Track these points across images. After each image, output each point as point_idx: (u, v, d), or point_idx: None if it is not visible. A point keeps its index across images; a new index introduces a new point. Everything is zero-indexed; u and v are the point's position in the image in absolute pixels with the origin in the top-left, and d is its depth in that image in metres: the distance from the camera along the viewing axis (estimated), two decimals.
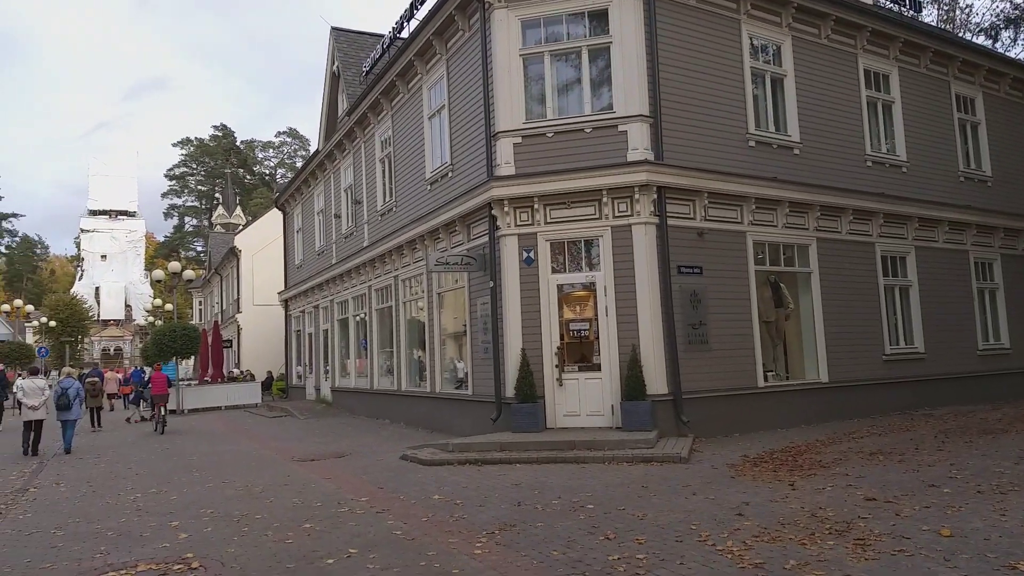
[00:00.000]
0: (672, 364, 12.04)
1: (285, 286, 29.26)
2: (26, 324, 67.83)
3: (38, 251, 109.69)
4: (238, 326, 38.44)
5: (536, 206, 12.47)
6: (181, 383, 27.61)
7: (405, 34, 17.41)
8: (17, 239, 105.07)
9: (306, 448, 13.86)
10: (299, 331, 27.88)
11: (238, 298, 39.04)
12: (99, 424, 21.12)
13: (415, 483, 9.55)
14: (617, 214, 12.27)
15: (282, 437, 16.22)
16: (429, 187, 15.76)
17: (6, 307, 44.38)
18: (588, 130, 12.45)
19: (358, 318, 20.90)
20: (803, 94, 14.57)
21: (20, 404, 16.45)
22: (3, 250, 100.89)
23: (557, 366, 12.20)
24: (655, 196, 12.25)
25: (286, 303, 29.29)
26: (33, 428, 15.07)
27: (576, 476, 9.40)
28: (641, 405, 11.54)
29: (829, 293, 14.46)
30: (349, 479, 10.17)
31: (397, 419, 17.38)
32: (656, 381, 11.85)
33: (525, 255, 12.53)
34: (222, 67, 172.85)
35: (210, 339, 32.15)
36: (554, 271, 12.59)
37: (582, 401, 12.16)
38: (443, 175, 15.08)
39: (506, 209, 12.56)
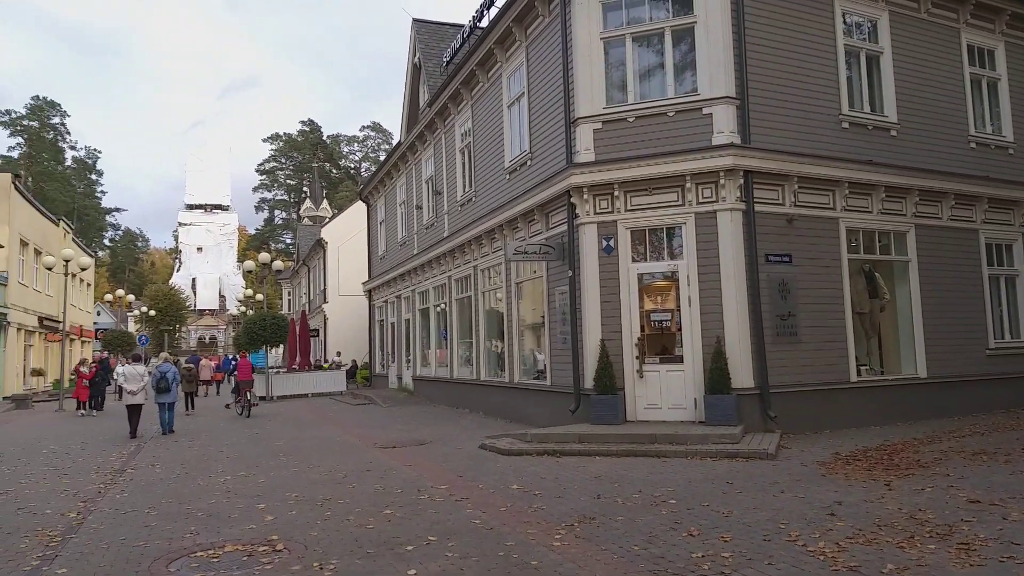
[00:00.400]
0: (759, 357, 11.61)
1: (369, 276, 29.85)
2: (128, 313, 71.76)
3: (139, 244, 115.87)
4: (324, 316, 39.52)
5: (616, 193, 12.22)
6: (271, 371, 28.58)
7: (485, 23, 17.37)
8: (120, 232, 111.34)
9: (388, 435, 14.07)
10: (382, 320, 28.41)
11: (324, 288, 40.13)
12: (193, 408, 22.12)
13: (493, 472, 9.53)
14: (701, 200, 11.89)
15: (365, 424, 16.53)
16: (508, 176, 15.70)
17: (109, 297, 47.05)
18: (671, 114, 12.10)
19: (438, 308, 21.10)
20: (901, 72, 13.77)
21: (121, 389, 17.38)
22: (107, 243, 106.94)
23: (637, 357, 11.94)
24: (741, 181, 11.81)
25: (369, 293, 29.88)
26: (135, 412, 15.92)
27: (657, 470, 9.17)
28: (726, 399, 11.17)
29: (928, 283, 13.65)
30: (429, 466, 10.24)
31: (476, 408, 17.46)
32: (741, 374, 11.44)
33: (605, 244, 12.30)
34: (309, 64, 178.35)
35: (298, 328, 33.14)
36: (634, 260, 12.32)
37: (663, 394, 11.87)
38: (522, 163, 14.99)
39: (585, 197, 12.36)
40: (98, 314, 58.72)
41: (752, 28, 12.21)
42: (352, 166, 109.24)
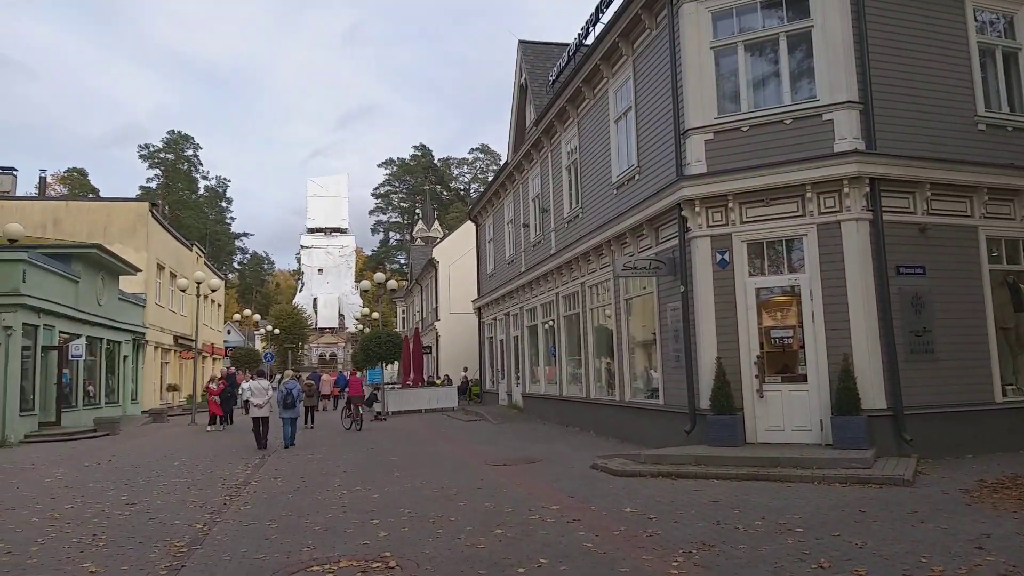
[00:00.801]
0: (891, 376, 10.83)
1: (478, 294, 30.21)
2: (255, 332, 75.84)
3: (265, 266, 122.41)
4: (436, 333, 40.31)
5: (730, 205, 11.78)
6: (386, 386, 29.34)
7: (591, 40, 17.30)
8: (248, 256, 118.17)
9: (498, 452, 14.06)
10: (491, 338, 28.64)
11: (436, 306, 40.97)
12: (313, 422, 22.96)
13: (606, 494, 9.28)
14: (823, 210, 11.27)
15: (476, 440, 16.61)
16: (615, 191, 15.48)
17: (238, 316, 49.86)
18: (788, 121, 11.57)
19: (547, 325, 21.03)
20: None
21: (247, 404, 18.33)
22: (236, 266, 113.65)
23: (757, 376, 11.39)
24: (867, 189, 11.12)
25: (479, 311, 30.23)
26: (260, 424, 16.89)
27: (781, 496, 8.66)
28: (855, 420, 10.46)
29: None
30: (540, 486, 10.11)
31: (586, 427, 17.20)
32: (872, 394, 10.70)
33: (719, 258, 11.87)
34: (421, 91, 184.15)
35: (411, 345, 33.91)
36: (751, 274, 11.80)
37: (786, 415, 11.26)
38: (630, 178, 14.75)
39: (697, 209, 11.98)
40: (228, 333, 62.40)
41: (874, 29, 11.53)
42: (462, 187, 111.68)
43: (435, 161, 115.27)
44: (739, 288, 11.69)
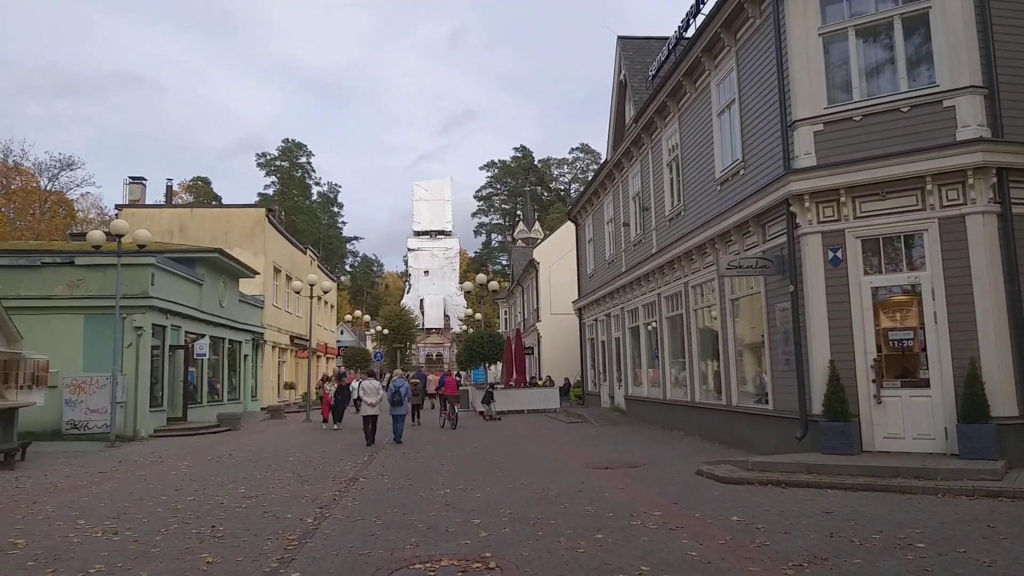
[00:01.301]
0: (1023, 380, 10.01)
1: (578, 295, 30.08)
2: (366, 332, 78.49)
3: (375, 269, 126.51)
4: (538, 334, 40.45)
5: (843, 199, 11.20)
6: (493, 387, 29.63)
7: (691, 32, 16.89)
8: (359, 259, 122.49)
9: (600, 455, 13.93)
10: (592, 339, 28.45)
11: (537, 307, 41.11)
12: (419, 420, 23.51)
13: (711, 501, 9.02)
14: (945, 203, 10.55)
15: (577, 442, 16.53)
16: (719, 187, 15.04)
17: (348, 317, 51.76)
18: (905, 109, 10.89)
19: (649, 326, 20.68)
20: None
21: (357, 402, 19.04)
22: (348, 269, 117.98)
23: (874, 381, 10.78)
24: (994, 180, 10.33)
25: (579, 312, 30.09)
26: (371, 422, 17.56)
27: (901, 508, 8.16)
28: (983, 428, 9.73)
29: None
30: (642, 490, 9.94)
31: (691, 431, 16.79)
32: (1003, 401, 9.92)
33: (831, 255, 11.31)
34: (522, 93, 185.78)
35: (513, 346, 34.15)
36: (867, 272, 11.18)
37: (906, 421, 10.60)
38: (734, 173, 14.28)
39: (807, 204, 11.46)
40: (341, 333, 64.87)
41: (998, 8, 10.72)
42: (562, 188, 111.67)
43: (535, 162, 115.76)
44: (853, 287, 11.10)
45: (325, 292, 35.35)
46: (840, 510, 8.15)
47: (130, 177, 39.22)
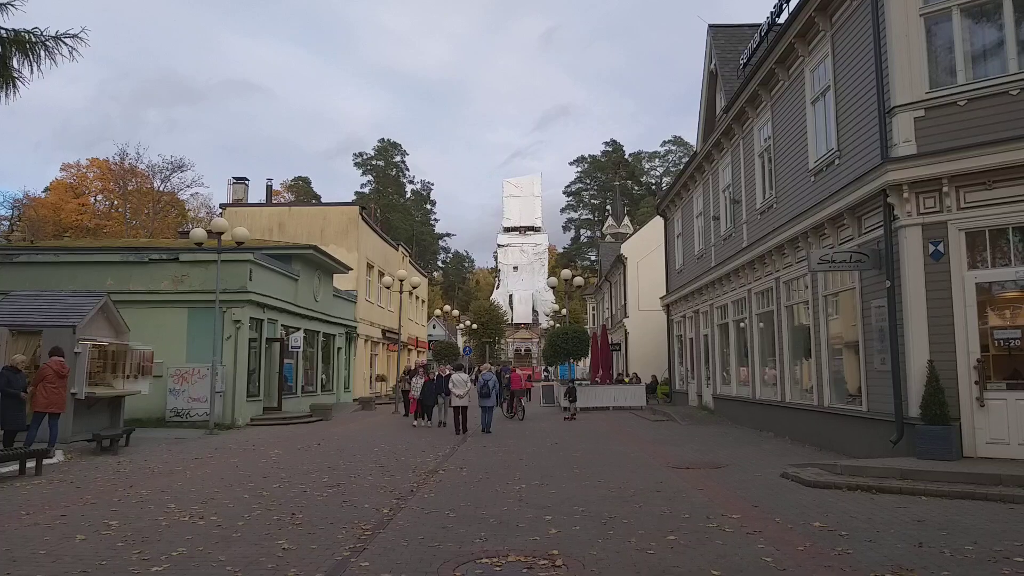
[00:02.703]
0: None
1: (666, 291, 29.49)
2: (457, 327, 79.70)
3: (466, 265, 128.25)
4: (625, 330, 39.93)
5: (945, 189, 10.48)
6: (573, 383, 29.48)
7: (783, 18, 16.21)
8: (450, 255, 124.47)
9: (682, 455, 13.60)
10: (680, 336, 27.84)
11: (625, 303, 40.59)
12: (510, 412, 23.86)
13: (794, 505, 8.62)
14: None
15: (660, 441, 16.20)
16: (812, 178, 14.38)
17: (438, 312, 52.65)
18: (1015, 92, 10.06)
19: (739, 323, 20.04)
20: None
21: (448, 394, 19.50)
22: (440, 264, 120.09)
23: (977, 383, 10.05)
24: None
25: (667, 308, 29.50)
26: (460, 413, 18.74)
27: (1000, 518, 7.56)
28: None
29: None
30: (722, 492, 9.62)
31: (781, 432, 16.16)
32: None
33: (932, 249, 10.60)
34: (614, 87, 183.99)
35: (599, 342, 33.86)
36: (971, 267, 10.43)
37: (1012, 426, 9.82)
38: (828, 163, 13.62)
39: (905, 195, 10.78)
40: (434, 327, 66.10)
41: None
42: (653, 182, 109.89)
43: (626, 156, 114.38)
44: (956, 283, 10.37)
45: (414, 287, 36.05)
46: (933, 519, 7.63)
47: (233, 177, 41.05)
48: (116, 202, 64.06)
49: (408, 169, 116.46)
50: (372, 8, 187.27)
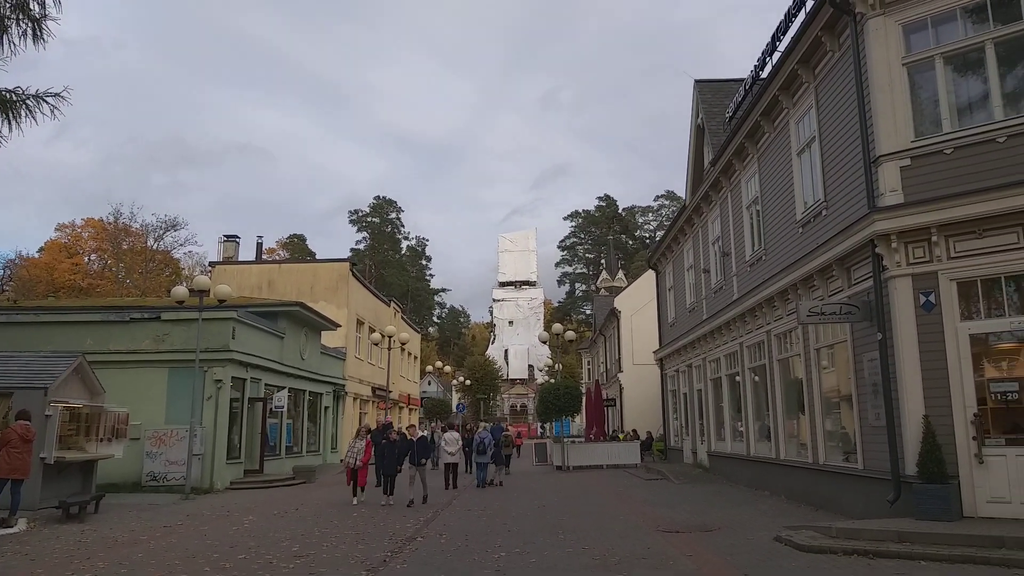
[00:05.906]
0: None
1: (659, 344, 29.08)
2: (452, 383, 78.86)
3: (462, 320, 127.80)
4: (620, 385, 39.36)
5: (934, 238, 10.22)
6: (566, 440, 28.80)
7: (767, 71, 16.24)
8: (446, 310, 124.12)
9: (674, 516, 13.02)
10: (674, 390, 27.34)
11: (619, 358, 40.11)
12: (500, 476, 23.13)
13: (787, 573, 8.11)
14: None
15: (652, 502, 15.58)
16: (800, 229, 14.16)
17: (430, 368, 52.01)
18: (1001, 140, 9.91)
19: (732, 378, 19.60)
20: None
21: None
22: (435, 320, 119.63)
23: (975, 438, 9.61)
24: None
25: (661, 362, 29.06)
26: (451, 470, 19.87)
27: None
28: None
29: None
30: (711, 558, 9.07)
31: (777, 490, 15.58)
32: None
33: (923, 299, 10.30)
34: (608, 146, 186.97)
35: (592, 398, 33.28)
36: (964, 318, 10.11)
37: (1012, 483, 9.37)
38: (815, 214, 13.42)
39: (894, 245, 10.52)
40: (428, 383, 65.33)
41: None
42: (647, 235, 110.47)
43: (620, 210, 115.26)
44: (949, 334, 10.03)
45: (403, 343, 35.54)
46: None
47: (224, 235, 40.83)
48: (110, 261, 63.87)
49: (403, 225, 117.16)
50: (375, 74, 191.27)
